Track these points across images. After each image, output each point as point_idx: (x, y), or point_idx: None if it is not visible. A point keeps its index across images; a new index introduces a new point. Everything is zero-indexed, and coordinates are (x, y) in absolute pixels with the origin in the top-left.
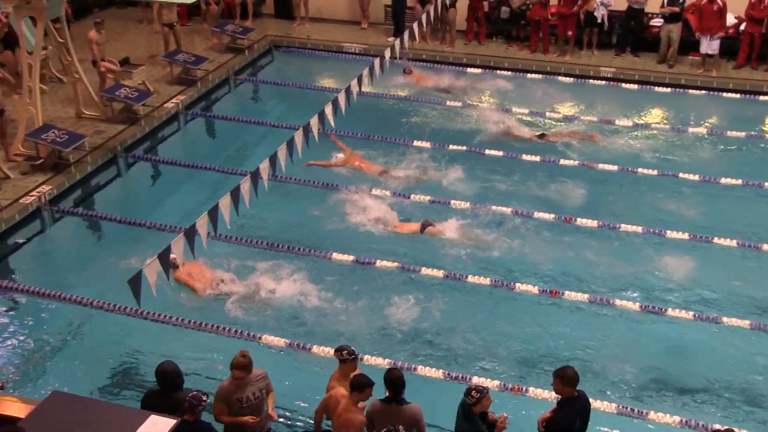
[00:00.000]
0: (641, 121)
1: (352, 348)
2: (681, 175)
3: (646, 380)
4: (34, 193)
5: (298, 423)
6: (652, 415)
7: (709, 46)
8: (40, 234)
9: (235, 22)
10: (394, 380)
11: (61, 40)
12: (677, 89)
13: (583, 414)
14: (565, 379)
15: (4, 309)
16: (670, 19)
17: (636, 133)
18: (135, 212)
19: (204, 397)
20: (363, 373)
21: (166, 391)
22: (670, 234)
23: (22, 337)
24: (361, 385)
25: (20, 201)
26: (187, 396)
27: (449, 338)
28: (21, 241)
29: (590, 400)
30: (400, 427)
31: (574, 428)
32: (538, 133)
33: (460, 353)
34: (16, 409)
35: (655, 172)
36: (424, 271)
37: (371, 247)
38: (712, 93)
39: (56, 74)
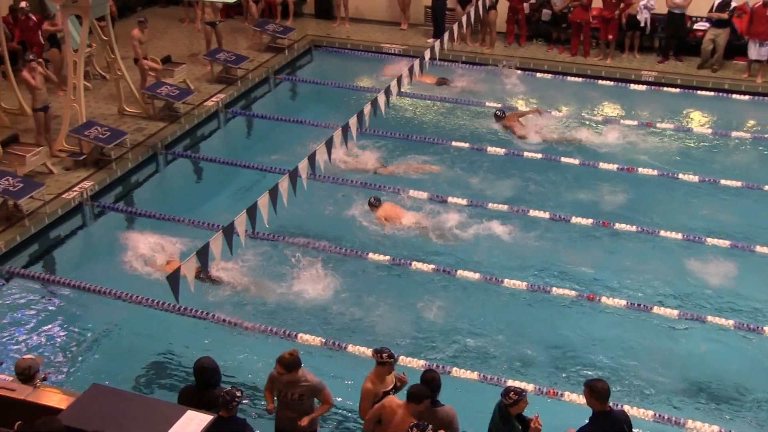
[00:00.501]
0: (683, 125)
1: (391, 351)
2: (722, 181)
3: (683, 388)
4: (76, 188)
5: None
6: (690, 424)
7: (758, 52)
8: (81, 229)
9: (276, 21)
10: (430, 382)
11: (105, 38)
12: (720, 93)
13: None
14: (592, 390)
15: (46, 302)
16: (717, 24)
17: (677, 137)
18: (174, 209)
19: (238, 393)
20: (421, 385)
21: (203, 387)
22: (710, 241)
23: (63, 331)
24: (419, 397)
25: (63, 196)
26: (225, 392)
27: (483, 340)
28: (63, 235)
29: (626, 407)
30: (429, 426)
31: None
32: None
33: (494, 356)
34: (57, 400)
35: (696, 178)
36: (460, 273)
37: (406, 249)
38: (756, 98)
39: (100, 72)
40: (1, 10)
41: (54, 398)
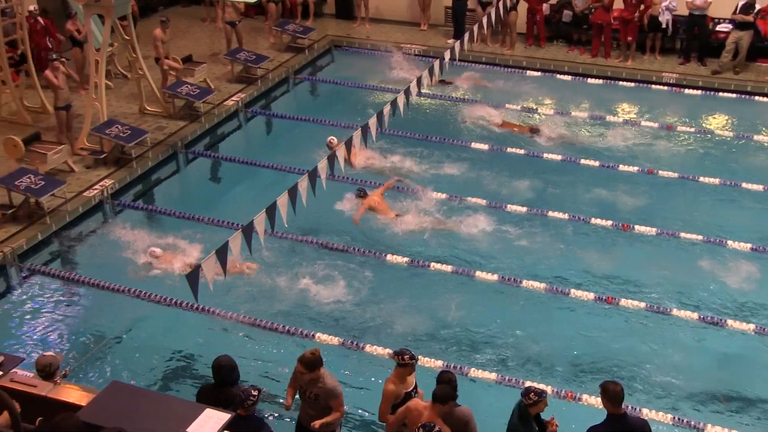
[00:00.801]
0: (704, 128)
1: (412, 352)
2: (744, 184)
3: (702, 392)
4: (97, 186)
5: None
6: (709, 429)
7: None
8: (101, 227)
9: (296, 21)
10: (447, 383)
11: (127, 38)
12: (743, 96)
13: None
14: (605, 393)
15: (67, 299)
16: (740, 26)
17: (698, 139)
18: (193, 208)
19: (254, 392)
20: (446, 386)
21: (221, 385)
22: (731, 244)
23: (83, 328)
24: (444, 398)
25: (84, 194)
26: (241, 391)
27: (501, 341)
28: (83, 233)
29: (644, 410)
30: (435, 426)
31: None
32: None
33: (511, 357)
34: (77, 397)
35: (717, 181)
36: (479, 274)
37: (425, 250)
38: None
39: (121, 71)
40: (24, 9)
41: (74, 395)
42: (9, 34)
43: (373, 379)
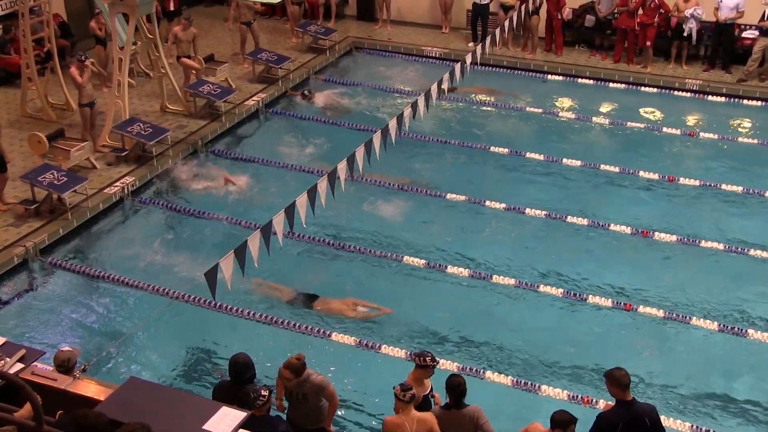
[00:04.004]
0: (727, 135)
1: (433, 354)
2: (767, 193)
3: (720, 400)
4: (118, 183)
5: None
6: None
7: None
8: (122, 223)
9: (318, 22)
10: (455, 387)
11: (151, 36)
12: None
13: (632, 423)
14: (610, 379)
15: (87, 294)
16: (767, 33)
17: (721, 146)
18: (212, 206)
19: (264, 392)
20: (565, 410)
21: (236, 382)
22: (753, 252)
23: (102, 323)
24: (565, 423)
25: (105, 191)
26: (252, 390)
27: (516, 345)
28: (104, 229)
29: (662, 417)
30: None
31: None
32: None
33: (527, 361)
34: (96, 391)
35: (740, 189)
36: (495, 278)
37: (441, 251)
38: None
39: (144, 69)
40: (51, 7)
41: (92, 389)
42: (36, 32)
43: (389, 380)
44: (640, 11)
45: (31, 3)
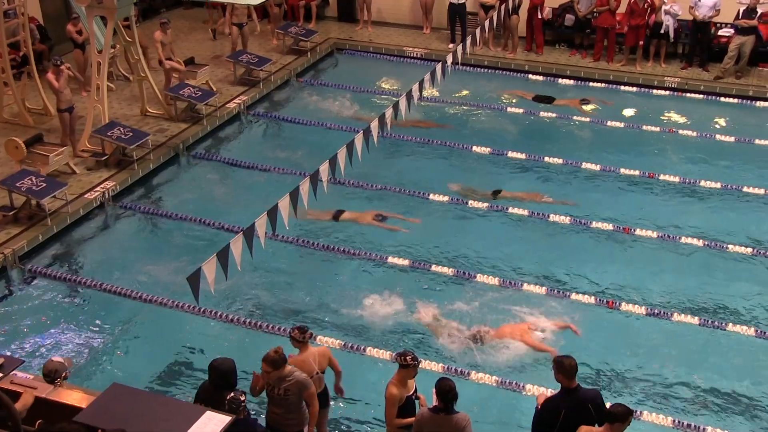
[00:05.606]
0: (705, 132)
1: (414, 353)
2: (745, 188)
3: (704, 395)
4: (98, 188)
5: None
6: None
7: None
8: (102, 229)
9: (299, 24)
10: (446, 392)
11: (129, 40)
12: (745, 101)
13: (575, 410)
14: (559, 366)
15: (67, 301)
16: (743, 31)
17: (700, 143)
18: (195, 210)
19: (242, 398)
20: (622, 405)
21: (217, 387)
22: (733, 248)
23: (84, 330)
24: (624, 415)
25: (85, 196)
26: (228, 397)
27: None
28: (84, 235)
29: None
30: None
31: (554, 418)
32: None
33: (509, 362)
34: (78, 398)
35: (719, 185)
36: (479, 278)
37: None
38: None
39: (123, 73)
40: (27, 11)
41: (74, 397)
42: (12, 36)
43: (373, 383)
44: (623, 12)
45: (5, 6)
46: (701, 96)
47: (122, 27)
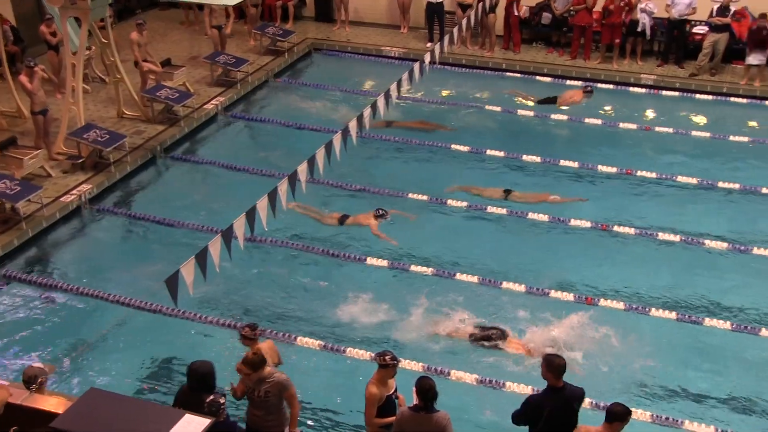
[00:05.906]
0: (681, 129)
1: (394, 353)
2: (720, 184)
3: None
4: (74, 191)
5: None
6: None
7: (756, 56)
8: (79, 232)
9: (276, 24)
10: (426, 391)
11: (105, 41)
12: (719, 97)
13: (561, 408)
14: (548, 364)
15: (44, 306)
16: (717, 29)
17: (676, 140)
18: (173, 212)
19: (221, 400)
20: (621, 405)
21: (194, 390)
22: (709, 243)
23: (61, 334)
24: (623, 414)
25: (61, 199)
26: (207, 400)
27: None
28: (61, 239)
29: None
30: None
31: (538, 415)
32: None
33: (493, 364)
34: (54, 404)
35: (695, 180)
36: (459, 276)
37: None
38: (755, 101)
39: (99, 74)
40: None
41: (50, 402)
42: None
43: (353, 384)
44: (599, 10)
45: None
46: (676, 93)
47: (97, 28)
